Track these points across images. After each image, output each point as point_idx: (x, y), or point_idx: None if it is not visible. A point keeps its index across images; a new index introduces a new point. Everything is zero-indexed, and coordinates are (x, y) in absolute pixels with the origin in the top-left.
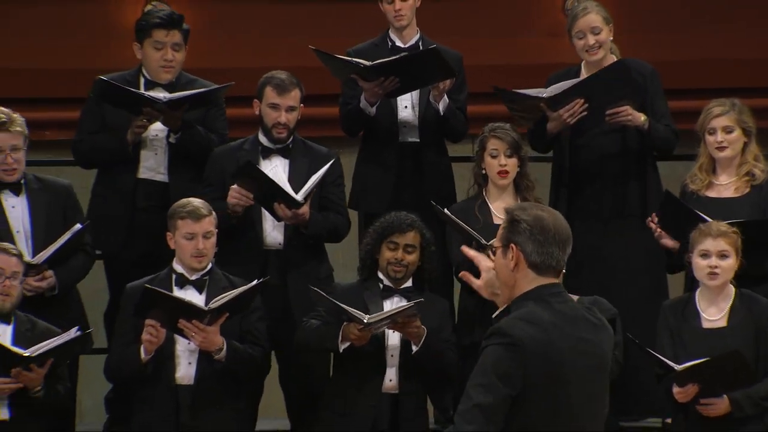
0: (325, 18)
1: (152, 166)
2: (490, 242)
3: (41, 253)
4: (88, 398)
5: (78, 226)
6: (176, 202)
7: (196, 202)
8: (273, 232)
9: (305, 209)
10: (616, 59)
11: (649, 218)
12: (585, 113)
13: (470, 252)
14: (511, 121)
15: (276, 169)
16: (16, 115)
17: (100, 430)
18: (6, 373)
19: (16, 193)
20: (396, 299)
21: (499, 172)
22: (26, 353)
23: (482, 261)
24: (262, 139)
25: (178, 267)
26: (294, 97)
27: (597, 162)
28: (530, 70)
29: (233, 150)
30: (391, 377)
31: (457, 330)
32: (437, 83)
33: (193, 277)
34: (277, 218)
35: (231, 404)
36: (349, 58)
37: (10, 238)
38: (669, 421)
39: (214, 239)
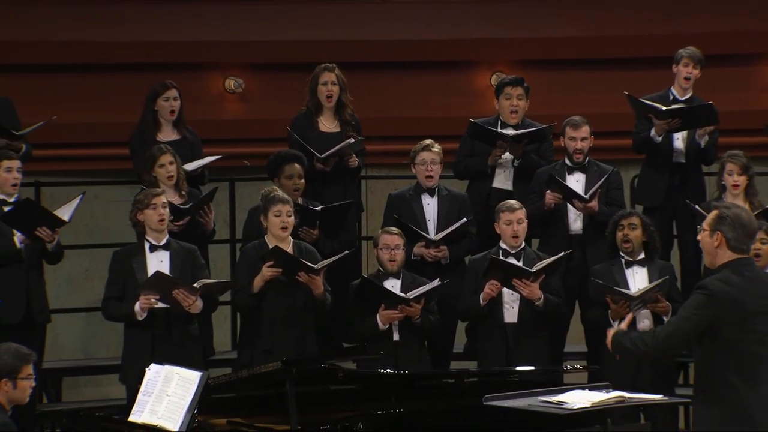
0: (599, 82)
1: (502, 180)
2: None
3: (439, 233)
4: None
5: (464, 219)
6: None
7: (512, 201)
8: (575, 222)
9: (593, 203)
10: None
11: None
12: None
13: None
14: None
15: (577, 181)
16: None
17: (462, 350)
18: (394, 309)
19: (432, 194)
20: (635, 268)
21: (733, 185)
22: (405, 295)
23: None
24: (567, 162)
25: (502, 245)
26: (585, 131)
27: None
28: (747, 115)
29: (548, 170)
30: (643, 320)
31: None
32: (703, 127)
33: (513, 251)
34: (577, 209)
35: (543, 335)
36: (652, 103)
37: (424, 224)
38: None
39: (525, 224)
